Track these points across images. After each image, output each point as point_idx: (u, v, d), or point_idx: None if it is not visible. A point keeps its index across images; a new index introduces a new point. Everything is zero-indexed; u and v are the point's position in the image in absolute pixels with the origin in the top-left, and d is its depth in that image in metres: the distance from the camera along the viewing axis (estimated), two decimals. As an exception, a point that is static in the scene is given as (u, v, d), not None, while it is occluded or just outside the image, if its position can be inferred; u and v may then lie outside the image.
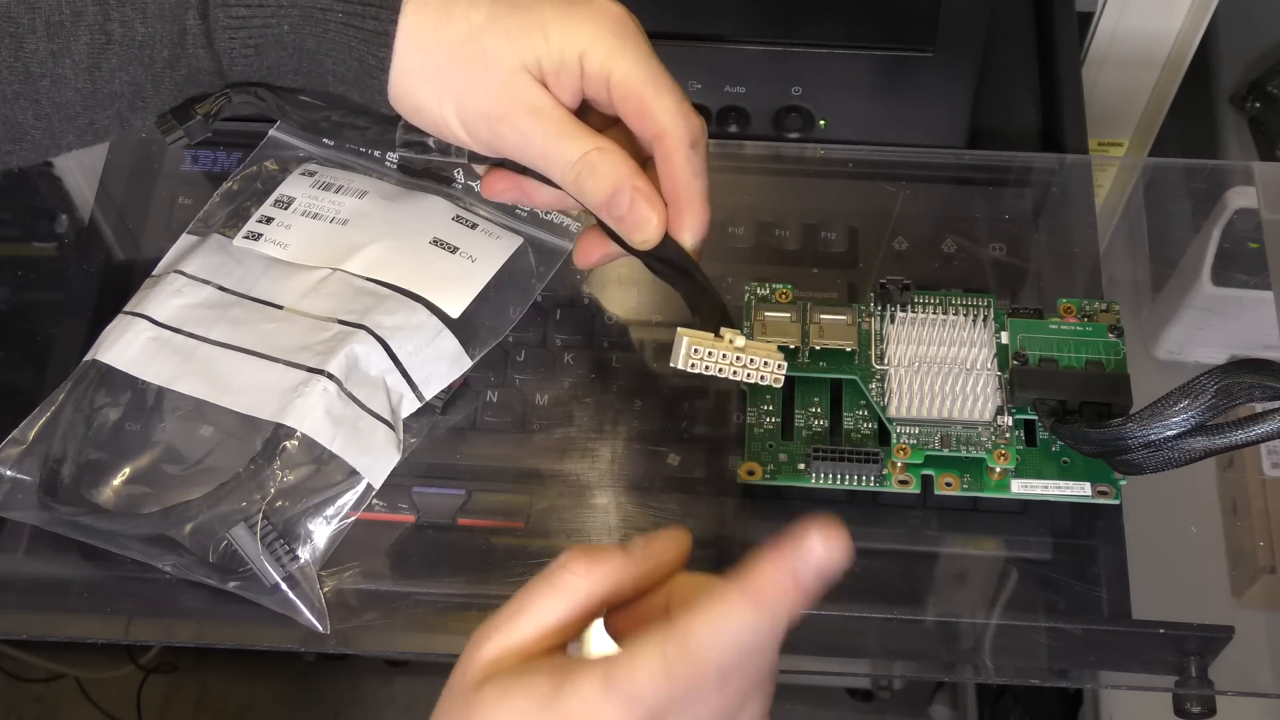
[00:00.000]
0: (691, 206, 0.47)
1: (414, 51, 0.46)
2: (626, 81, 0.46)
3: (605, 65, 0.45)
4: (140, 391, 0.54)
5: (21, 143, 0.47)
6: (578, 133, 0.46)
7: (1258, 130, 0.81)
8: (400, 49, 0.46)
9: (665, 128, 0.46)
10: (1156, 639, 0.50)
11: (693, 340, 0.45)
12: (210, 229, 0.58)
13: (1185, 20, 0.69)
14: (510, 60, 0.46)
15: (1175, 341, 0.62)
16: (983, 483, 0.52)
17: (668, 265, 0.48)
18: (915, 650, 0.52)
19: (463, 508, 0.53)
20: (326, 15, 0.46)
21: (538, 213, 0.59)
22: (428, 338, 0.54)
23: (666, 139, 0.46)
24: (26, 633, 0.55)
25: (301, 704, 1.23)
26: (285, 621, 0.50)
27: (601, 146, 0.46)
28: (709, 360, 0.45)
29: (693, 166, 0.47)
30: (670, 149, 0.46)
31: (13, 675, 1.18)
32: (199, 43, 0.46)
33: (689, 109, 0.47)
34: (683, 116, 0.46)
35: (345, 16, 0.45)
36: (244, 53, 0.46)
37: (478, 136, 0.47)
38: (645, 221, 0.47)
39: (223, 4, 0.45)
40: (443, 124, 0.47)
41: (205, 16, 0.45)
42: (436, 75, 0.46)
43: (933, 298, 0.55)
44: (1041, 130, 0.68)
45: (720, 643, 0.35)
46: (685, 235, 0.47)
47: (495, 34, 0.46)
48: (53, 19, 0.44)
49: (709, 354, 0.44)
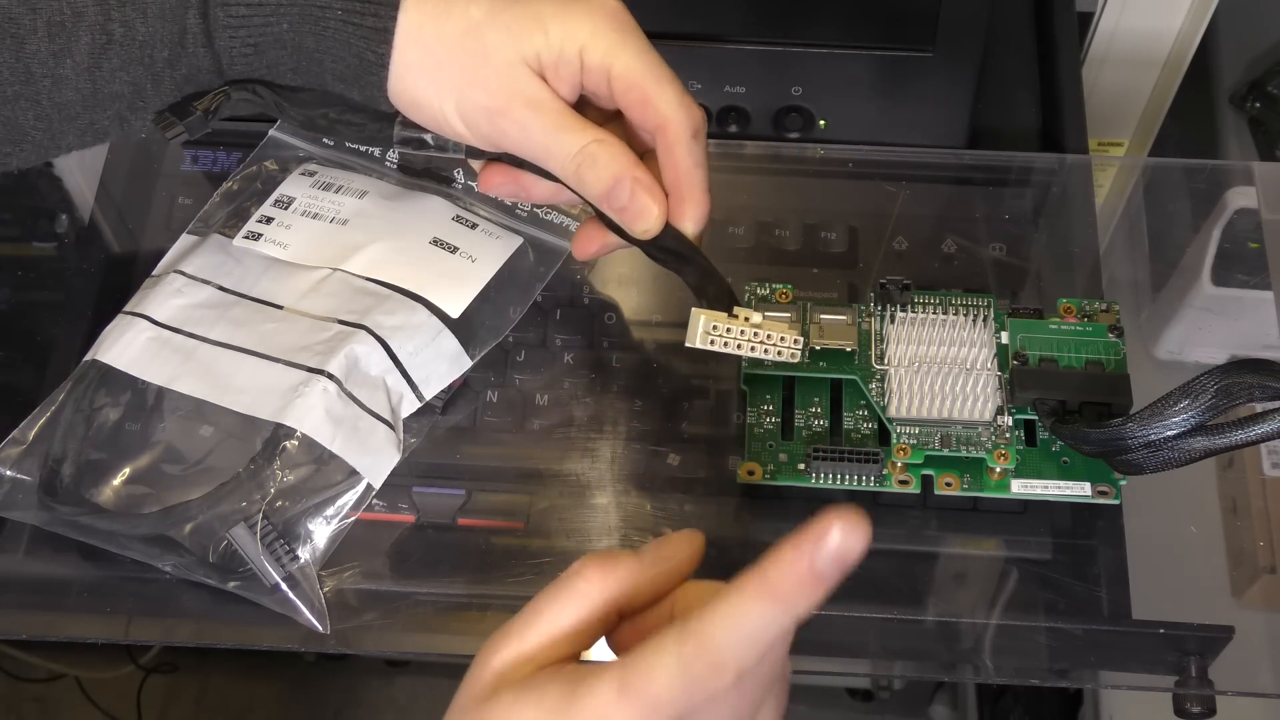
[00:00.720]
0: (693, 195, 0.48)
1: (413, 47, 0.46)
2: (628, 74, 0.46)
3: (606, 59, 0.46)
4: (140, 391, 0.54)
5: (22, 144, 0.47)
6: (577, 125, 0.47)
7: (1258, 130, 0.81)
8: (400, 45, 0.46)
9: (668, 118, 0.47)
10: (1156, 639, 0.50)
11: (710, 318, 0.45)
12: (210, 229, 0.58)
13: (1185, 20, 0.69)
14: (510, 54, 0.46)
15: (1175, 341, 0.62)
16: (983, 483, 0.52)
17: (669, 253, 0.49)
18: (915, 650, 0.52)
19: (463, 508, 0.53)
20: (325, 13, 0.46)
21: (538, 212, 0.59)
22: (428, 338, 0.54)
23: (669, 129, 0.47)
24: (26, 633, 0.55)
25: (301, 704, 1.23)
26: (285, 621, 0.50)
27: (601, 138, 0.47)
28: (727, 337, 0.44)
29: (694, 156, 0.47)
30: (673, 139, 0.47)
31: (13, 675, 1.18)
32: (199, 42, 0.46)
33: (689, 100, 0.47)
34: (684, 107, 0.47)
35: (344, 14, 0.46)
36: (243, 51, 0.47)
37: (477, 131, 0.48)
38: (646, 211, 0.47)
39: (222, 3, 0.45)
40: (442, 119, 0.47)
41: (205, 16, 0.46)
42: (436, 71, 0.46)
43: (933, 298, 0.55)
44: (1041, 130, 0.68)
45: (738, 640, 0.34)
46: (687, 224, 0.48)
47: (495, 29, 0.46)
48: (54, 20, 0.44)
49: (727, 330, 0.44)
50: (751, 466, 0.52)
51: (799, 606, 0.33)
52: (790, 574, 0.33)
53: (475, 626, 0.51)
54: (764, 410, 0.53)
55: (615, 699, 0.35)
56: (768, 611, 0.34)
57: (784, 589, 0.33)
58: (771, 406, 0.54)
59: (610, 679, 0.35)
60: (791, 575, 0.33)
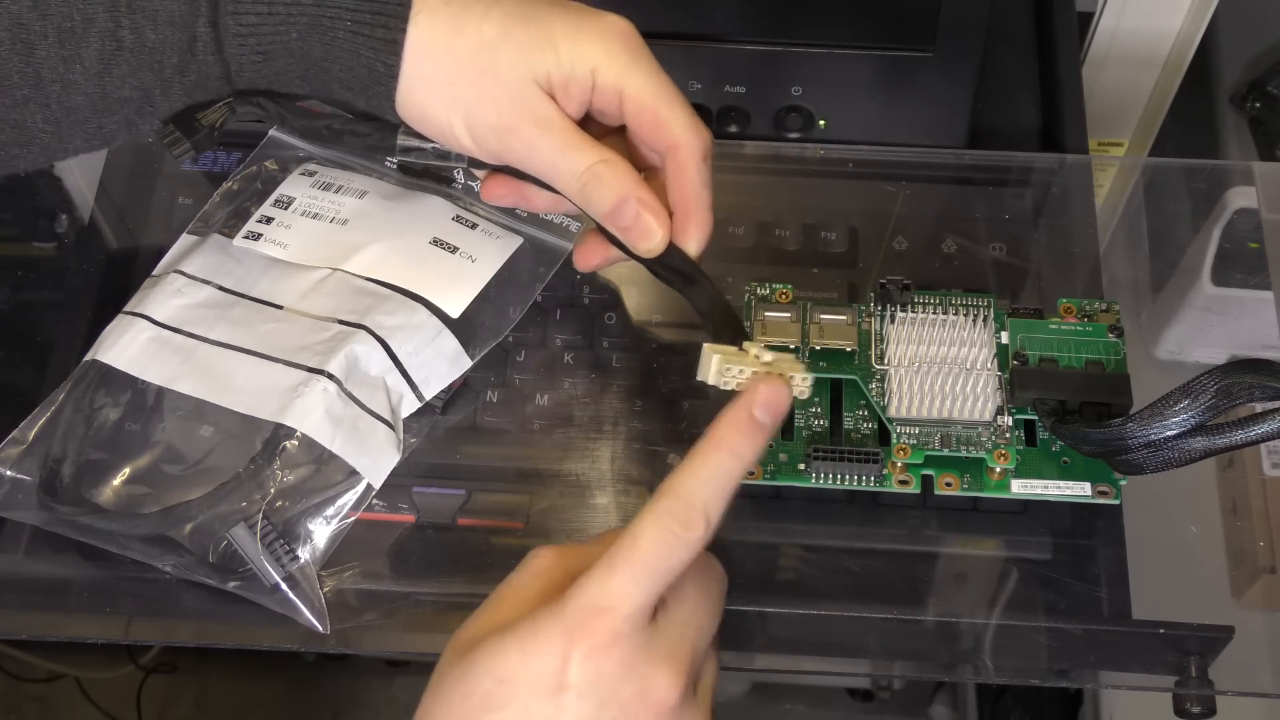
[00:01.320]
0: (698, 216, 0.49)
1: (424, 61, 0.46)
2: (640, 97, 0.47)
3: (619, 81, 0.47)
4: (140, 391, 0.54)
5: (30, 146, 0.48)
6: (584, 145, 0.47)
7: (1258, 130, 0.81)
8: (410, 58, 0.46)
9: (680, 140, 0.48)
10: (1156, 639, 0.50)
11: (723, 359, 0.46)
12: (210, 229, 0.58)
13: (1185, 20, 0.69)
14: (521, 73, 0.46)
15: (1175, 341, 0.62)
16: (983, 483, 0.52)
17: (673, 272, 0.49)
18: (915, 650, 0.52)
19: (463, 508, 0.53)
20: (335, 23, 0.46)
21: (537, 213, 0.59)
22: (428, 338, 0.54)
23: (680, 151, 0.48)
24: (26, 633, 0.55)
25: (301, 704, 1.23)
26: (285, 621, 0.50)
27: (607, 159, 0.47)
28: (740, 377, 0.45)
29: (702, 178, 0.48)
30: (684, 160, 0.48)
31: (13, 675, 1.18)
32: (209, 49, 0.46)
33: (699, 122, 0.48)
34: (695, 130, 0.48)
35: (354, 24, 0.46)
36: (252, 59, 0.47)
37: (484, 146, 0.48)
38: (650, 232, 0.48)
39: (233, 11, 0.46)
40: (449, 133, 0.48)
41: (215, 24, 0.46)
42: (447, 86, 0.47)
43: (933, 298, 0.55)
44: (1041, 130, 0.68)
45: (703, 485, 0.39)
46: (690, 243, 0.49)
47: (507, 47, 0.46)
48: (64, 26, 0.44)
49: (740, 371, 0.45)
50: (751, 466, 0.52)
51: (746, 452, 0.40)
52: (733, 424, 0.40)
53: (475, 626, 0.51)
54: (764, 410, 0.53)
55: (606, 576, 0.38)
56: (722, 460, 0.40)
57: (731, 438, 0.40)
58: (771, 406, 0.54)
59: (598, 566, 0.38)
60: (734, 425, 0.40)
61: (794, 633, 0.51)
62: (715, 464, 0.40)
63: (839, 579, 0.52)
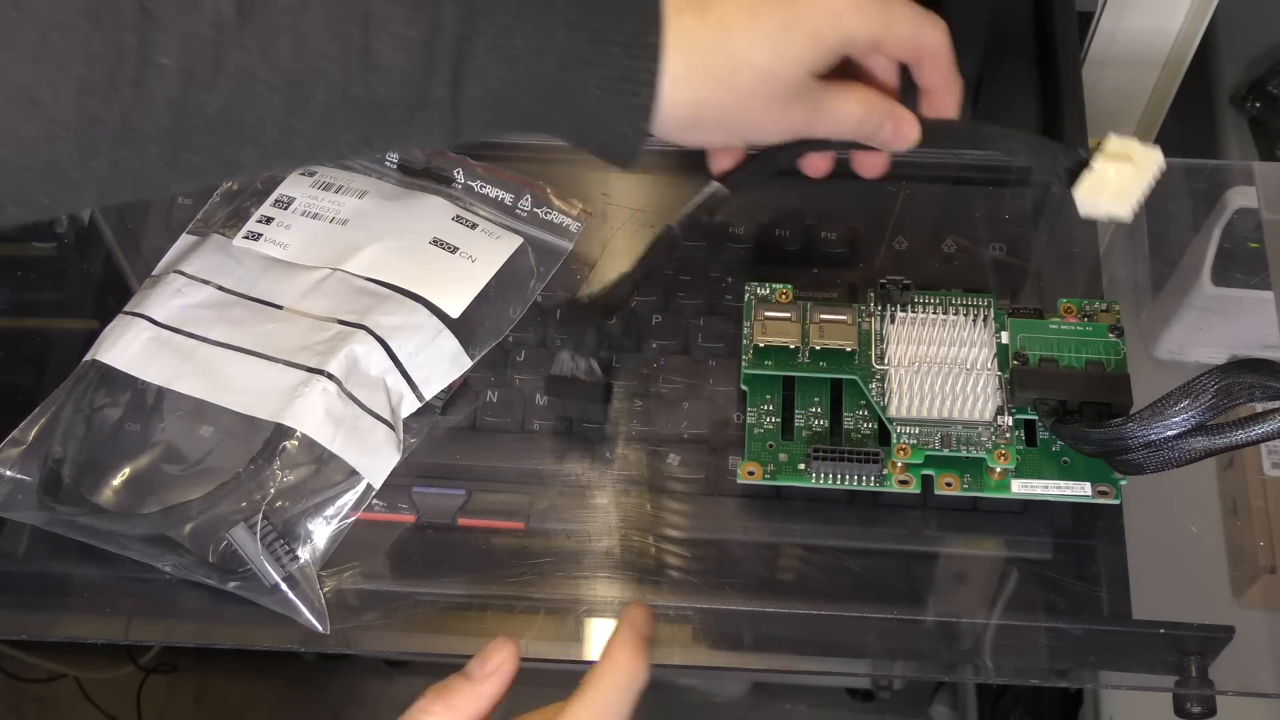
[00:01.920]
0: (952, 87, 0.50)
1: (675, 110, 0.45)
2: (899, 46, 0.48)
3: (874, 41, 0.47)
4: (140, 391, 0.54)
5: (235, 174, 0.49)
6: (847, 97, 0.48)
7: (1258, 130, 0.81)
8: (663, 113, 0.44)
9: (934, 48, 0.49)
10: (1156, 639, 0.50)
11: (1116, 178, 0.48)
12: (210, 229, 0.58)
13: (1185, 20, 0.69)
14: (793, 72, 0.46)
15: (1175, 341, 0.62)
16: (983, 483, 0.52)
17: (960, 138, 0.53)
18: (915, 650, 0.52)
19: (463, 508, 0.53)
20: (582, 91, 0.44)
21: (537, 213, 0.59)
22: (428, 338, 0.54)
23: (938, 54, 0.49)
24: (26, 633, 0.55)
25: (301, 704, 1.23)
26: (285, 621, 0.50)
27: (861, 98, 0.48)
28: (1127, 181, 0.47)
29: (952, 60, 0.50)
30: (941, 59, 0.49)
31: (13, 675, 1.18)
32: (443, 109, 0.44)
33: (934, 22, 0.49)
34: (940, 33, 0.49)
35: (601, 91, 0.44)
36: (484, 118, 0.45)
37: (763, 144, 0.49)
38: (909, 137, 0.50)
39: (475, 77, 0.43)
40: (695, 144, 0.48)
41: (455, 88, 0.43)
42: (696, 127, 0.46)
43: (933, 298, 0.55)
44: (1041, 130, 0.68)
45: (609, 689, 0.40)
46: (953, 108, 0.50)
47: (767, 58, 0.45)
48: (292, 79, 0.42)
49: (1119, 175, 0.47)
50: (751, 466, 0.52)
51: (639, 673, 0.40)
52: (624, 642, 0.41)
53: (475, 626, 0.51)
54: (764, 410, 0.53)
55: None
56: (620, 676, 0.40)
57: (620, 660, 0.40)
58: (771, 406, 0.54)
59: None
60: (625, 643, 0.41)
61: (794, 633, 0.51)
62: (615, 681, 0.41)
63: (839, 579, 0.52)
